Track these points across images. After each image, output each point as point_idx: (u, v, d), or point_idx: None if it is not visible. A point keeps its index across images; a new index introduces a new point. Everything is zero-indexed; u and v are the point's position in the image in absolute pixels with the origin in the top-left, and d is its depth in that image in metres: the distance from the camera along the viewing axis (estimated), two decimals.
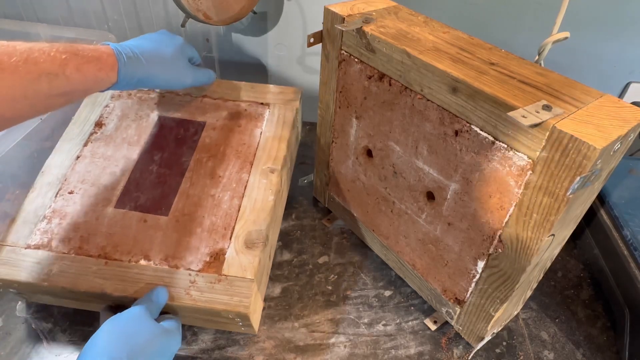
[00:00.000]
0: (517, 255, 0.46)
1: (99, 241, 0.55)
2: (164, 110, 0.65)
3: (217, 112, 0.66)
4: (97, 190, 0.59)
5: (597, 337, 0.61)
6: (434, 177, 0.52)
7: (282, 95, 0.68)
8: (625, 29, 0.81)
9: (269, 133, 0.64)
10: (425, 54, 0.48)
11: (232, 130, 0.64)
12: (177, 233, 0.56)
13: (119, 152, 0.62)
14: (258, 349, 0.56)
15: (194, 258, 0.54)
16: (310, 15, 0.88)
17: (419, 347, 0.58)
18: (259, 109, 0.67)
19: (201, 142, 0.63)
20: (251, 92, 0.68)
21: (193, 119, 0.65)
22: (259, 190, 0.59)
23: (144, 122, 0.64)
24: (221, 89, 0.68)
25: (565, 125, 0.38)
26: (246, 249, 0.54)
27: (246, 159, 0.62)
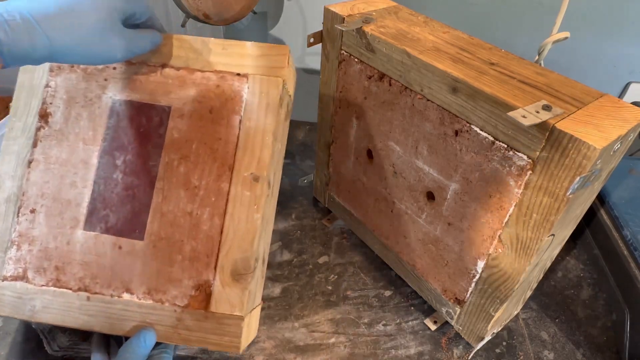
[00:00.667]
0: (517, 255, 0.46)
1: (76, 272, 0.52)
2: (117, 88, 0.52)
3: (183, 89, 0.52)
4: (61, 207, 0.52)
5: (597, 337, 0.61)
6: (434, 177, 0.52)
7: (263, 59, 0.51)
8: (625, 29, 0.81)
9: (249, 122, 0.51)
10: (425, 54, 0.48)
11: (203, 117, 0.52)
12: (156, 262, 0.51)
13: (74, 154, 0.53)
14: (258, 349, 0.56)
15: (178, 292, 0.51)
16: (310, 15, 0.88)
17: (419, 347, 0.58)
18: (235, 84, 0.52)
19: (168, 138, 0.52)
20: (223, 56, 0.52)
21: (155, 102, 0.52)
22: (242, 207, 0.50)
23: (96, 109, 0.53)
24: (184, 51, 0.52)
25: (565, 125, 0.38)
26: (233, 282, 0.50)
27: (224, 161, 0.51)
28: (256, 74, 0.51)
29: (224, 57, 0.52)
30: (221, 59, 0.52)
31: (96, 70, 0.52)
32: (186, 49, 0.52)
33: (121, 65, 0.52)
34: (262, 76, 0.51)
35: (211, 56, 0.52)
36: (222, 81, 0.52)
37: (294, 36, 0.91)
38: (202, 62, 0.52)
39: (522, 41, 0.83)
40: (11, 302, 0.51)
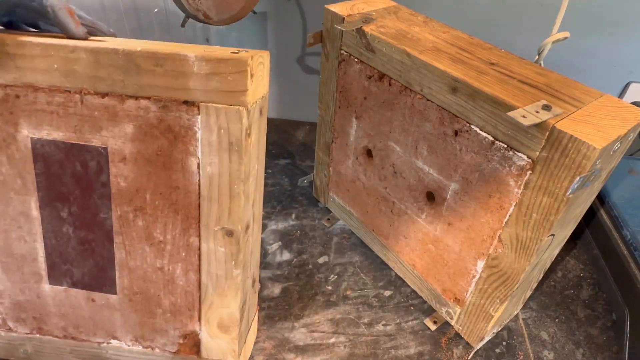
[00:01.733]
0: (517, 255, 0.46)
1: (56, 322, 0.50)
2: (32, 124, 0.42)
3: (116, 125, 0.41)
4: (17, 262, 0.48)
5: (597, 337, 0.61)
6: (433, 177, 0.52)
7: (216, 81, 0.38)
8: (625, 29, 0.81)
9: (211, 168, 0.41)
10: (425, 54, 0.48)
11: (151, 161, 0.42)
12: (136, 314, 0.48)
13: (10, 207, 0.45)
14: (258, 349, 0.56)
15: (166, 340, 0.49)
16: (310, 15, 0.88)
17: (419, 347, 0.58)
18: (183, 116, 0.40)
19: (114, 187, 0.43)
20: (159, 77, 0.39)
21: (85, 141, 0.42)
22: (219, 263, 0.45)
23: (15, 153, 0.43)
24: (104, 70, 0.39)
25: (565, 125, 0.38)
26: (221, 333, 0.48)
27: (188, 213, 0.43)
28: (209, 103, 0.39)
29: (161, 78, 0.38)
30: (157, 81, 0.39)
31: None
32: (107, 66, 0.39)
33: (26, 93, 0.40)
34: (218, 105, 0.39)
35: (143, 77, 0.39)
36: (166, 113, 0.40)
37: (294, 36, 0.91)
38: (132, 86, 0.39)
39: (522, 41, 0.83)
40: (2, 346, 0.51)
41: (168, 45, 0.39)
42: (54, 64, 0.39)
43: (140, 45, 0.38)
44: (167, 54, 0.37)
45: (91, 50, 0.38)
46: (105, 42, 0.39)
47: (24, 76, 0.39)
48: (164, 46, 0.38)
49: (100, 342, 0.50)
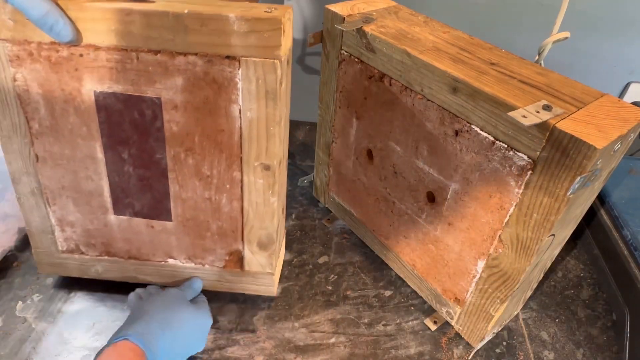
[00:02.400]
0: (517, 255, 0.46)
1: (121, 246, 0.58)
2: (94, 79, 0.47)
3: (168, 78, 0.46)
4: (85, 197, 0.54)
5: (597, 337, 0.61)
6: (434, 177, 0.52)
7: (254, 37, 0.43)
8: (625, 29, 0.81)
9: (250, 113, 0.47)
10: (426, 54, 0.48)
11: (199, 109, 0.48)
12: (189, 237, 0.56)
13: (77, 150, 0.52)
14: (258, 349, 0.56)
15: (215, 257, 0.58)
16: (310, 15, 0.88)
17: (419, 347, 0.58)
18: (226, 69, 0.45)
19: (168, 131, 0.49)
20: (204, 35, 0.43)
21: (141, 93, 0.47)
22: (258, 193, 0.52)
23: (80, 105, 0.49)
24: (156, 30, 0.43)
25: (565, 125, 0.38)
26: (260, 250, 0.56)
27: (231, 152, 0.50)
28: (248, 57, 0.44)
29: (206, 36, 0.43)
30: (203, 39, 0.44)
31: (62, 59, 0.46)
32: (158, 27, 0.43)
33: (88, 52, 0.45)
34: (256, 59, 0.44)
35: (190, 35, 0.43)
36: (210, 67, 0.45)
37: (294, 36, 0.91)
38: (181, 44, 0.44)
39: (522, 41, 0.83)
40: (76, 267, 0.60)
41: (211, 6, 0.43)
42: (111, 26, 0.43)
43: (187, 7, 0.43)
44: (210, 15, 0.42)
45: (144, 13, 0.42)
46: (155, 4, 0.43)
47: (85, 37, 0.44)
48: (208, 7, 0.43)
49: (158, 261, 0.59)
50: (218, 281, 0.59)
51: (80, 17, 0.42)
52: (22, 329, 0.56)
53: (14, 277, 0.62)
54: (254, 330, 0.58)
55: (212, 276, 0.59)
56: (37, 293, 0.61)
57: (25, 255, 0.65)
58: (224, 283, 0.59)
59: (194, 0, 0.45)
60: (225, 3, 0.45)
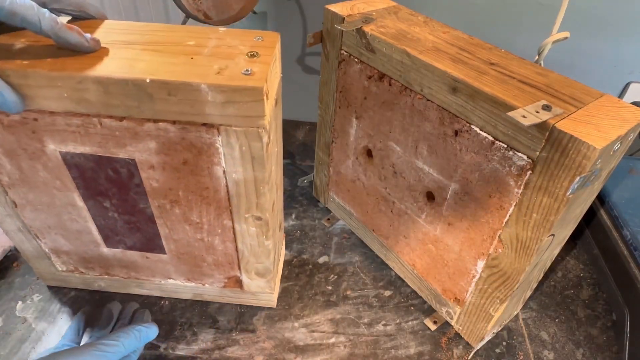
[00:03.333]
0: (517, 255, 0.46)
1: (119, 270, 0.58)
2: (57, 141, 0.42)
3: (139, 142, 0.41)
4: (74, 234, 0.52)
5: (597, 337, 0.61)
6: (434, 177, 0.52)
7: (232, 108, 0.37)
8: (625, 29, 0.81)
9: (236, 175, 0.43)
10: (425, 54, 0.48)
11: (178, 169, 0.43)
12: (186, 265, 0.56)
13: (56, 199, 0.48)
14: (258, 349, 0.56)
15: (214, 279, 0.58)
16: (310, 15, 0.88)
17: (419, 347, 0.58)
18: (205, 136, 0.40)
19: (148, 186, 0.45)
20: (173, 104, 0.38)
21: (112, 154, 0.42)
22: (252, 237, 0.50)
23: (47, 162, 0.44)
24: (117, 98, 0.38)
25: (565, 125, 0.38)
26: (258, 277, 0.56)
27: (219, 204, 0.46)
28: (228, 126, 0.39)
29: (176, 105, 0.38)
30: (172, 107, 0.38)
31: (15, 123, 0.41)
32: (118, 95, 0.37)
33: (43, 116, 0.40)
34: (237, 128, 0.39)
35: (157, 104, 0.38)
36: (186, 133, 0.40)
37: (294, 36, 0.91)
38: (149, 111, 0.38)
39: (522, 41, 0.83)
40: (80, 281, 0.60)
41: (178, 71, 0.37)
42: (63, 93, 0.38)
43: (149, 66, 0.37)
44: (178, 84, 0.36)
45: (99, 82, 0.37)
46: (111, 64, 0.37)
47: (36, 103, 0.39)
48: (175, 73, 0.37)
49: (159, 280, 0.59)
50: (219, 296, 0.60)
51: (25, 84, 0.37)
52: (22, 329, 0.56)
53: (14, 277, 0.62)
54: (254, 330, 0.58)
55: (213, 292, 0.59)
56: (37, 293, 0.61)
57: None
58: (225, 297, 0.60)
59: (160, 43, 0.40)
60: (198, 41, 0.40)
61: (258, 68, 0.37)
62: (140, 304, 0.60)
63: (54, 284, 0.61)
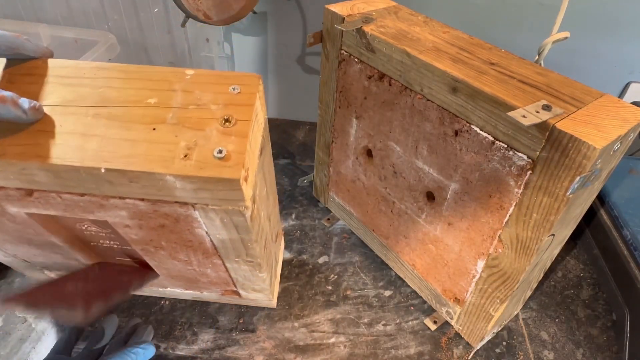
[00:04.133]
0: (517, 255, 0.46)
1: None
2: (15, 206, 0.37)
3: (108, 211, 0.37)
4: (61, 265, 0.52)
5: (597, 337, 0.61)
6: (434, 177, 0.52)
7: (207, 194, 0.34)
8: (625, 29, 0.81)
9: (221, 236, 0.40)
10: (425, 54, 0.48)
11: (157, 230, 0.40)
12: (182, 282, 0.55)
13: (34, 241, 0.45)
14: (258, 349, 0.56)
15: (212, 291, 0.58)
16: (310, 15, 0.88)
17: (419, 347, 0.58)
18: (179, 210, 0.36)
19: (128, 238, 0.42)
20: (137, 187, 0.33)
21: (81, 217, 0.38)
22: (245, 273, 0.48)
23: (16, 219, 0.40)
24: (73, 181, 0.33)
25: (565, 125, 0.38)
26: (255, 292, 0.56)
27: (206, 251, 0.43)
28: (205, 206, 0.35)
29: (141, 190, 0.33)
30: (137, 191, 0.34)
31: None
32: (71, 179, 0.33)
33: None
34: (215, 207, 0.35)
35: (119, 188, 0.33)
36: (158, 207, 0.35)
37: (294, 36, 0.91)
38: (110, 192, 0.34)
39: (522, 41, 0.83)
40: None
41: (137, 155, 0.32)
42: (9, 175, 0.33)
43: (102, 155, 0.32)
44: (139, 173, 0.31)
45: (47, 169, 0.31)
46: (57, 144, 0.32)
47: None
48: (134, 159, 0.31)
49: (157, 288, 0.59)
50: (218, 300, 0.61)
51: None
52: (22, 329, 0.56)
53: (14, 277, 0.62)
54: (254, 330, 0.58)
55: (212, 297, 0.60)
56: None
57: None
58: (224, 300, 0.61)
59: (116, 100, 0.34)
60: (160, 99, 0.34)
61: (233, 146, 0.32)
62: (140, 304, 0.60)
63: None
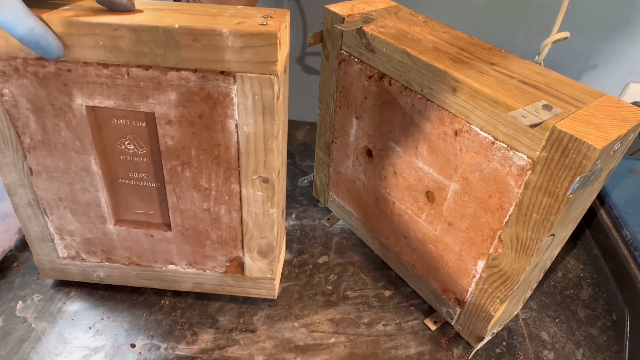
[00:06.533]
0: (517, 255, 0.46)
1: (121, 253, 0.58)
2: (84, 94, 0.45)
3: (161, 93, 0.45)
4: (83, 208, 0.54)
5: (597, 337, 0.61)
6: (434, 177, 0.52)
7: (249, 52, 0.41)
8: (625, 29, 0.81)
9: (247, 128, 0.46)
10: (425, 54, 0.48)
11: (194, 123, 0.46)
12: (189, 245, 0.56)
13: (72, 163, 0.50)
14: (258, 349, 0.56)
15: (215, 264, 0.58)
16: (310, 15, 0.88)
17: (419, 347, 0.58)
18: (221, 85, 0.44)
19: (163, 145, 0.48)
20: (197, 51, 0.41)
21: (134, 108, 0.46)
22: (257, 204, 0.51)
23: (72, 119, 0.47)
24: (146, 46, 0.41)
25: (565, 125, 0.38)
26: (261, 257, 0.56)
27: (229, 165, 0.49)
28: (244, 73, 0.43)
29: (199, 52, 0.41)
30: (196, 54, 0.42)
31: (49, 75, 0.44)
32: (148, 42, 0.41)
33: (76, 67, 0.43)
34: (252, 75, 0.43)
35: (182, 51, 0.42)
36: (205, 82, 0.44)
37: (294, 36, 0.91)
38: (173, 59, 0.42)
39: (522, 41, 0.83)
40: (78, 272, 0.60)
41: (204, 19, 0.41)
42: (99, 41, 0.41)
43: (178, 20, 0.41)
44: (202, 30, 0.40)
45: (133, 29, 0.40)
46: (144, 17, 0.41)
47: (73, 52, 0.42)
48: (200, 21, 0.41)
49: (160, 267, 0.59)
50: (219, 285, 0.60)
51: (67, 33, 0.41)
52: (22, 329, 0.56)
53: (14, 277, 0.62)
54: (254, 330, 0.58)
55: (213, 281, 0.59)
56: (37, 293, 0.61)
57: (25, 255, 0.65)
58: (225, 287, 0.60)
59: (187, 9, 0.44)
60: (218, 10, 0.44)
61: (272, 22, 0.42)
62: (141, 304, 0.60)
63: (52, 275, 0.61)
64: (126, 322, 0.58)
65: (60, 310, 0.59)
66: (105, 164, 0.51)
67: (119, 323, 0.58)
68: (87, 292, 0.61)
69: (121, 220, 0.55)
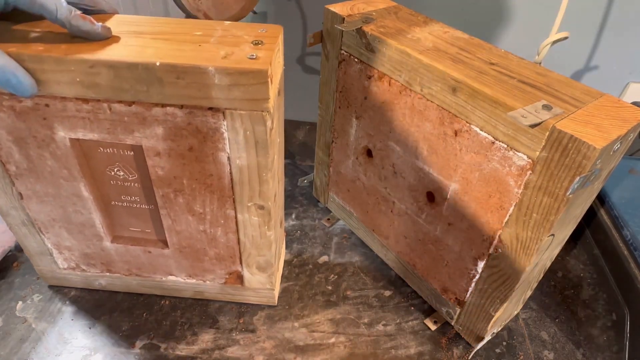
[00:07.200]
0: (517, 255, 0.46)
1: (121, 265, 0.58)
2: (66, 127, 0.43)
3: (147, 128, 0.42)
4: (78, 227, 0.53)
5: (597, 337, 0.61)
6: (433, 177, 0.52)
7: (238, 91, 0.39)
8: (625, 29, 0.81)
9: (240, 161, 0.44)
10: (425, 54, 0.48)
11: (184, 156, 0.44)
12: (187, 260, 0.56)
13: (61, 189, 0.49)
14: (258, 349, 0.56)
15: (215, 275, 0.58)
16: (310, 15, 0.88)
17: (419, 347, 0.58)
18: (210, 121, 0.41)
19: (153, 174, 0.46)
20: (181, 88, 0.39)
21: (119, 141, 0.44)
22: (254, 227, 0.50)
23: (56, 150, 0.45)
24: (127, 82, 0.39)
25: (565, 125, 0.38)
26: (260, 272, 0.56)
27: (223, 193, 0.47)
28: (233, 110, 0.40)
29: (184, 89, 0.39)
30: (180, 91, 0.39)
31: (27, 109, 0.42)
32: (128, 79, 0.39)
33: (54, 102, 0.41)
34: (242, 112, 0.40)
35: (165, 88, 0.39)
36: (192, 117, 0.41)
37: (294, 36, 0.91)
38: (157, 96, 0.40)
39: (522, 41, 0.83)
40: (81, 280, 0.60)
41: (187, 56, 0.38)
42: (75, 77, 0.39)
43: (158, 51, 0.39)
44: (186, 67, 0.38)
45: (110, 65, 0.38)
46: (122, 50, 0.39)
47: (49, 87, 0.40)
48: (183, 58, 0.38)
49: (160, 277, 0.59)
50: (220, 293, 0.60)
51: (39, 69, 0.38)
52: (22, 329, 0.56)
53: (14, 277, 0.62)
54: (254, 330, 0.58)
55: (214, 290, 0.60)
56: (37, 293, 0.61)
57: (25, 255, 0.65)
58: (226, 295, 0.60)
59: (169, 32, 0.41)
60: (204, 31, 0.42)
61: (263, 54, 0.39)
62: (140, 304, 0.60)
63: (55, 282, 0.61)
64: (126, 322, 0.58)
65: (60, 310, 0.59)
66: (96, 188, 0.49)
67: (119, 323, 0.58)
68: (87, 292, 0.61)
69: (118, 237, 0.55)
